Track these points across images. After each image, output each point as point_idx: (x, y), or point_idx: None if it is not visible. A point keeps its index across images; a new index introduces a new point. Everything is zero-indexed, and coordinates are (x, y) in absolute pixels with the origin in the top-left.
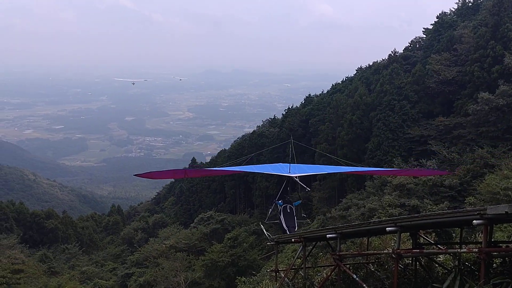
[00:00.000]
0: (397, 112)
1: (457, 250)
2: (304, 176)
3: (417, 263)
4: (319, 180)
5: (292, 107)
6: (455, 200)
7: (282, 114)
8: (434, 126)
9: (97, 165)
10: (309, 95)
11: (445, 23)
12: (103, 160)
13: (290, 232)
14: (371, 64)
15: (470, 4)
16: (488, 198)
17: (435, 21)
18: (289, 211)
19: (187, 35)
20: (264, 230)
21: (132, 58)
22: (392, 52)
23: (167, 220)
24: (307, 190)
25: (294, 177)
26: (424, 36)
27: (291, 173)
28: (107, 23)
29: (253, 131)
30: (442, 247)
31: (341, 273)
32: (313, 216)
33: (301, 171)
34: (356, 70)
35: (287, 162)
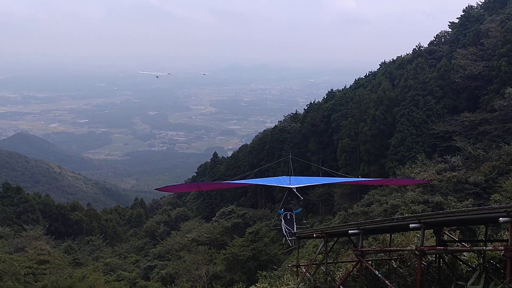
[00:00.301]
0: (421, 107)
1: (482, 248)
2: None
3: (441, 260)
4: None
5: (314, 102)
6: (480, 198)
7: (304, 109)
8: (459, 122)
9: (120, 158)
10: (332, 90)
11: (471, 17)
12: (126, 153)
13: (288, 236)
14: (395, 58)
15: None
16: None
17: (461, 14)
18: (289, 218)
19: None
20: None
21: (155, 53)
22: (416, 46)
23: (189, 214)
24: (301, 199)
25: (293, 188)
26: (449, 30)
27: (291, 185)
28: (131, 18)
29: (275, 126)
30: (466, 245)
31: (363, 269)
32: (334, 211)
33: (299, 182)
34: (379, 64)
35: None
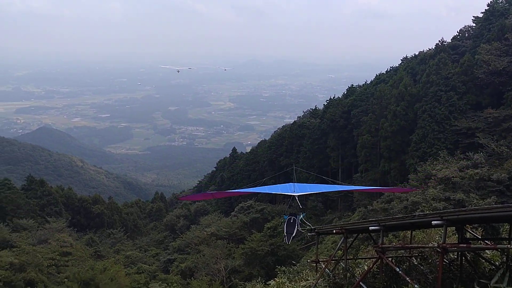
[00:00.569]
0: (443, 103)
1: (506, 246)
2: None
3: (463, 258)
4: (360, 172)
5: (334, 97)
6: (503, 195)
7: (324, 104)
8: (483, 118)
9: (141, 153)
10: (352, 85)
11: (496, 11)
12: (147, 148)
13: (287, 238)
14: (417, 53)
15: None
16: None
17: (485, 9)
18: (292, 222)
19: (230, 26)
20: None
21: (175, 50)
22: (439, 41)
23: (208, 208)
24: (301, 207)
25: (296, 196)
26: (473, 25)
27: (294, 193)
28: (151, 13)
29: (294, 121)
30: (489, 243)
31: (383, 265)
32: (354, 208)
33: (303, 190)
34: (401, 60)
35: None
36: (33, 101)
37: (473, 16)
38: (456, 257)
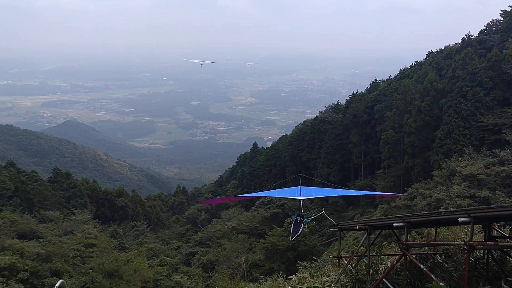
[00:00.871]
0: (469, 99)
1: None
2: (371, 162)
3: (489, 256)
4: (383, 168)
5: (357, 92)
6: None
7: (346, 99)
8: (510, 115)
9: (164, 147)
10: (375, 80)
11: None
12: (170, 142)
13: (292, 236)
14: (442, 48)
15: None
16: None
17: None
18: (298, 222)
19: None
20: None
21: (198, 43)
22: (466, 35)
23: (229, 203)
24: (304, 212)
25: (301, 200)
26: (501, 18)
27: (301, 197)
28: (174, 8)
29: (316, 116)
30: None
31: (407, 262)
32: (376, 204)
33: (309, 194)
34: (426, 54)
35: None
36: (59, 95)
37: (501, 10)
38: (482, 255)
